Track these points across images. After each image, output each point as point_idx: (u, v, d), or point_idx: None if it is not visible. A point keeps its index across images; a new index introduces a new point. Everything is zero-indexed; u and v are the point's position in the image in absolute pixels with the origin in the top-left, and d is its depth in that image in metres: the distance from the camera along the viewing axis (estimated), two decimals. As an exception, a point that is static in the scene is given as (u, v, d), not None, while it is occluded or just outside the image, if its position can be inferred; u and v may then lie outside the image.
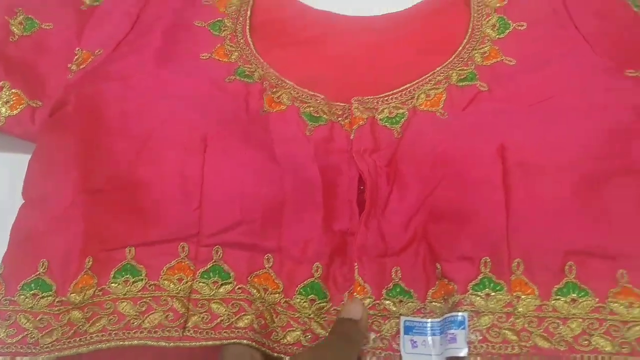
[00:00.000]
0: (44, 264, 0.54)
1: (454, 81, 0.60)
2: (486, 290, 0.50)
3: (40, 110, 0.61)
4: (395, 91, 0.60)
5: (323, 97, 0.60)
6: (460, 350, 0.48)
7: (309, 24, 0.69)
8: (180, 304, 0.51)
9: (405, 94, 0.60)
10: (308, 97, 0.60)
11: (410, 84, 0.61)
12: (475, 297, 0.50)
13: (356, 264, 0.53)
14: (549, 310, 0.50)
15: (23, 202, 0.57)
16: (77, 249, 0.54)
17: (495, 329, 0.49)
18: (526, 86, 0.58)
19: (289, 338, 0.51)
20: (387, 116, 0.59)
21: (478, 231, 0.52)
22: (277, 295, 0.53)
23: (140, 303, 0.51)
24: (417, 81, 0.61)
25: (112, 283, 0.52)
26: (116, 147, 0.57)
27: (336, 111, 0.60)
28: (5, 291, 0.53)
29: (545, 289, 0.50)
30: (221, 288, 0.52)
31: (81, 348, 0.50)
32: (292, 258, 0.54)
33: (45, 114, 0.61)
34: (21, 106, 0.61)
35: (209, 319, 0.50)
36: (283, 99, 0.60)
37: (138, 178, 0.55)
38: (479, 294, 0.50)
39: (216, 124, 0.57)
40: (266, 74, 0.63)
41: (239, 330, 0.50)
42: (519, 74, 0.59)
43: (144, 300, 0.51)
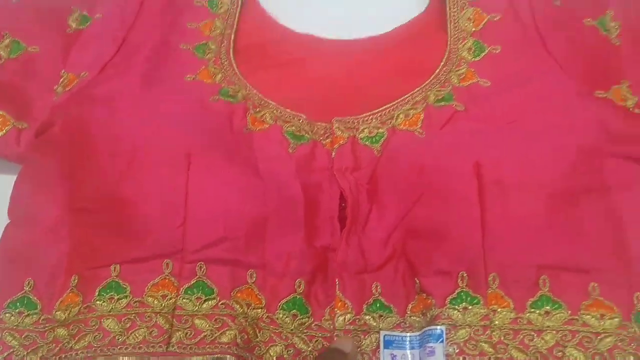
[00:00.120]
0: (29, 282, 0.54)
1: (431, 102, 0.61)
2: (463, 304, 0.52)
3: (26, 131, 0.62)
4: (375, 111, 0.61)
5: (305, 117, 0.61)
6: (438, 363, 0.49)
7: (291, 46, 0.70)
8: (164, 320, 0.52)
9: (384, 114, 0.61)
10: (290, 117, 0.61)
11: (389, 105, 0.62)
12: (453, 311, 0.51)
13: (337, 280, 0.54)
14: (524, 322, 0.51)
15: (9, 222, 0.58)
16: (63, 268, 0.54)
17: (473, 341, 0.50)
18: (501, 106, 0.59)
19: (271, 352, 0.52)
20: (367, 135, 0.60)
21: (455, 247, 0.53)
22: (260, 310, 0.54)
23: (125, 320, 0.52)
24: (396, 102, 0.62)
25: (97, 300, 0.53)
26: (101, 166, 0.57)
27: (318, 130, 0.60)
28: (-10, 310, 0.54)
29: (520, 302, 0.52)
30: (205, 304, 0.53)
31: (67, 364, 0.50)
32: (274, 274, 0.54)
33: (31, 135, 0.61)
34: (7, 128, 0.62)
35: (192, 334, 0.51)
36: (266, 118, 0.61)
37: (123, 196, 0.56)
38: (457, 307, 0.52)
39: (200, 141, 0.58)
40: (249, 94, 0.63)
41: (222, 345, 0.51)
42: (493, 95, 0.60)
43: (129, 316, 0.52)
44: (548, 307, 0.51)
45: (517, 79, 0.61)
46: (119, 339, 0.51)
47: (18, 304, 0.54)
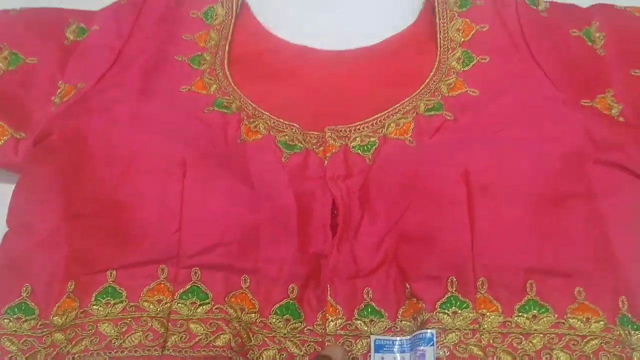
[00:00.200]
0: (27, 288, 0.55)
1: (421, 111, 0.62)
2: (453, 308, 0.52)
3: (23, 141, 0.63)
4: (366, 120, 0.62)
5: (298, 126, 0.62)
6: (429, 366, 0.50)
7: (285, 57, 0.72)
8: (160, 324, 0.52)
9: (376, 123, 0.62)
10: (284, 127, 0.62)
11: (380, 114, 0.63)
12: (442, 315, 0.52)
13: (329, 286, 0.54)
14: (512, 326, 0.52)
15: (7, 230, 0.58)
16: (60, 274, 0.55)
17: (462, 345, 0.51)
18: (489, 115, 0.61)
19: (264, 356, 0.53)
20: (359, 144, 0.61)
21: (444, 252, 0.54)
22: (254, 314, 0.54)
23: (121, 324, 0.52)
24: (387, 111, 0.63)
25: (93, 305, 0.53)
26: (98, 173, 0.58)
27: (311, 139, 0.61)
28: (-11, 315, 0.54)
29: (508, 306, 0.52)
30: (199, 308, 0.54)
31: (64, 368, 0.51)
32: (268, 279, 0.55)
33: (28, 145, 0.62)
34: (5, 137, 0.63)
35: (187, 338, 0.52)
36: (260, 128, 0.62)
37: (119, 203, 0.57)
38: (446, 312, 0.52)
39: (195, 151, 0.59)
40: (243, 105, 0.64)
41: (216, 348, 0.52)
42: (482, 104, 0.62)
43: (125, 321, 0.53)
44: (535, 311, 0.52)
45: (505, 88, 0.62)
46: (115, 343, 0.52)
47: (16, 309, 0.54)
